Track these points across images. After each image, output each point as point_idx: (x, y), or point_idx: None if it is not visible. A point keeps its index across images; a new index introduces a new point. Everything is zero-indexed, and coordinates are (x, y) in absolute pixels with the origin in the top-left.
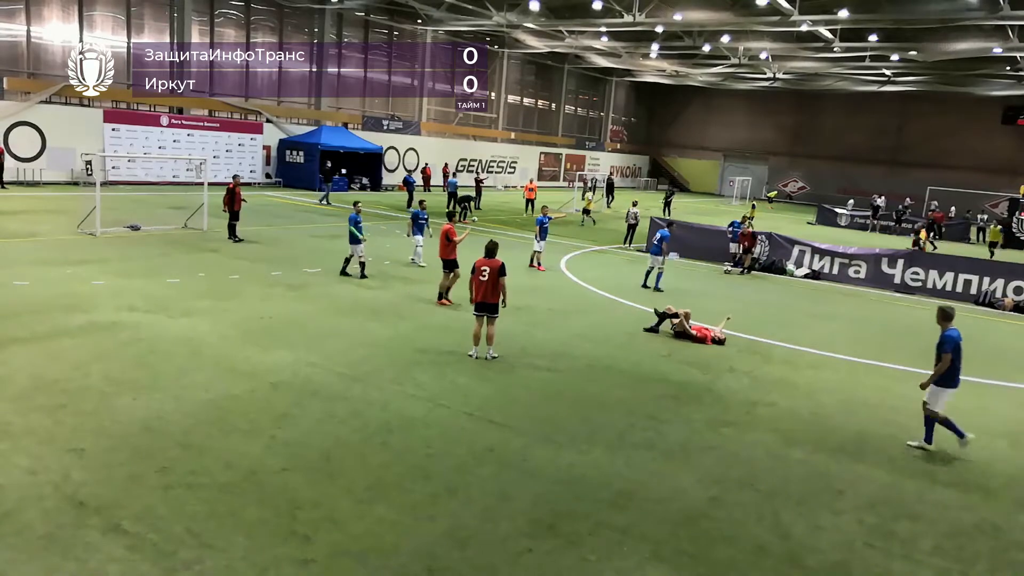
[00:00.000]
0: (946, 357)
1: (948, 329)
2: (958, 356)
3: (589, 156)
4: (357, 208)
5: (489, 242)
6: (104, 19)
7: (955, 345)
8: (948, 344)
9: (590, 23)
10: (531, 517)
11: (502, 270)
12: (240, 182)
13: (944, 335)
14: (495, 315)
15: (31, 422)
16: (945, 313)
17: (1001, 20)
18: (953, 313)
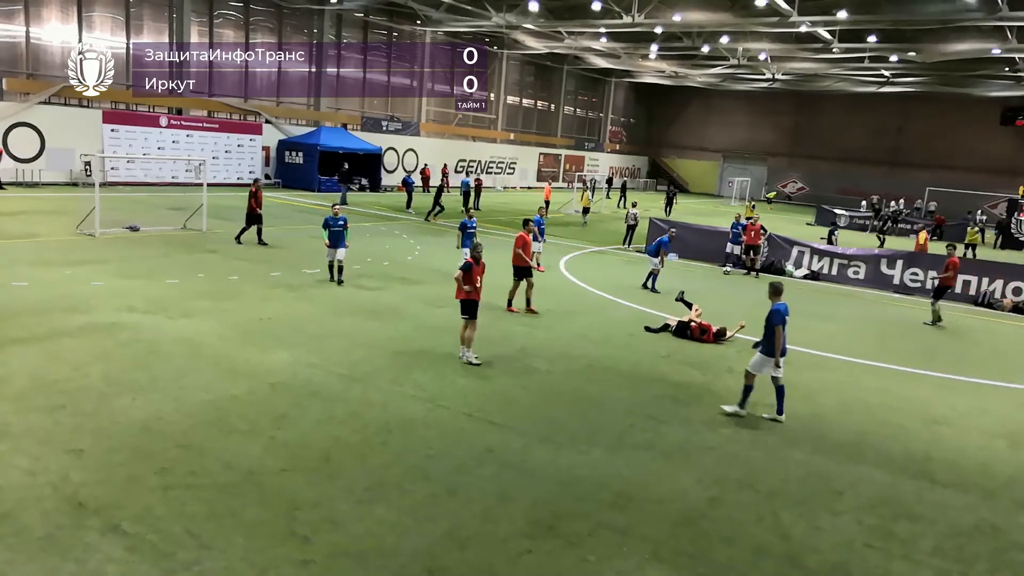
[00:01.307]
0: (778, 330)
1: (776, 303)
2: (783, 327)
3: (588, 157)
4: (335, 211)
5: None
6: (103, 20)
7: (781, 318)
8: (775, 317)
9: (589, 24)
10: (531, 518)
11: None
12: (260, 185)
13: (772, 309)
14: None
15: (30, 423)
16: (775, 288)
17: (1000, 21)
18: (782, 289)
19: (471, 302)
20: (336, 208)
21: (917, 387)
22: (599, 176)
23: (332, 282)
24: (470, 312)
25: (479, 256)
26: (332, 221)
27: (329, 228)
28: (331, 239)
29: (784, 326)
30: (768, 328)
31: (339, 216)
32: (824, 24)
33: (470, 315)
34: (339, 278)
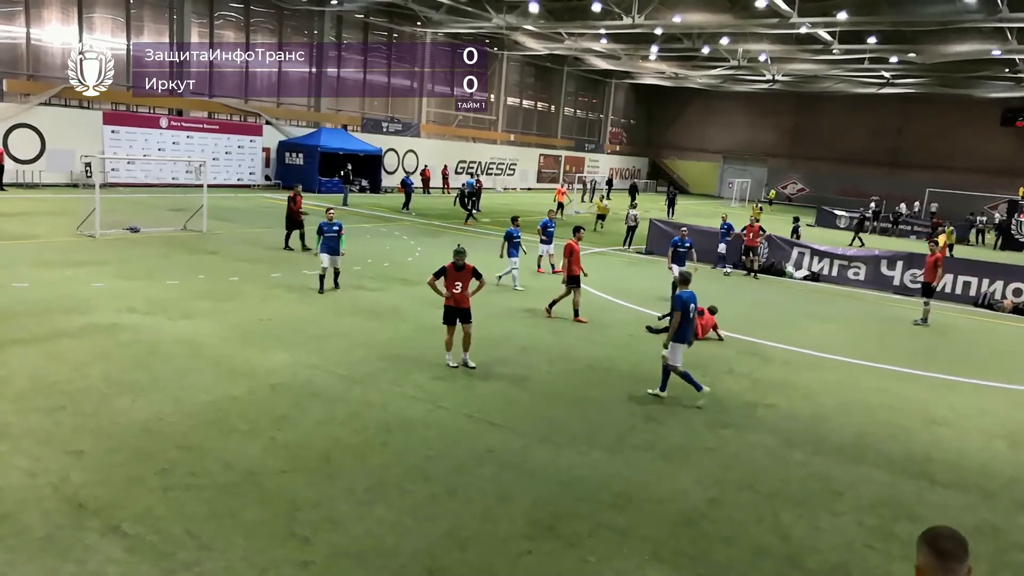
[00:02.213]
0: (676, 314)
1: (682, 291)
2: (686, 314)
3: (588, 158)
4: (330, 215)
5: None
6: (103, 21)
7: (682, 304)
8: (676, 303)
9: (589, 25)
10: (531, 518)
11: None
12: (300, 191)
13: (675, 296)
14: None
15: (30, 423)
16: (683, 277)
17: (1000, 22)
18: (690, 278)
19: (448, 308)
20: (331, 212)
21: (917, 388)
22: (599, 177)
23: (321, 293)
24: (448, 319)
25: (461, 261)
26: (326, 227)
27: (323, 234)
28: (325, 246)
29: (686, 312)
30: (671, 314)
31: (334, 221)
32: (824, 25)
33: (449, 322)
34: (335, 282)
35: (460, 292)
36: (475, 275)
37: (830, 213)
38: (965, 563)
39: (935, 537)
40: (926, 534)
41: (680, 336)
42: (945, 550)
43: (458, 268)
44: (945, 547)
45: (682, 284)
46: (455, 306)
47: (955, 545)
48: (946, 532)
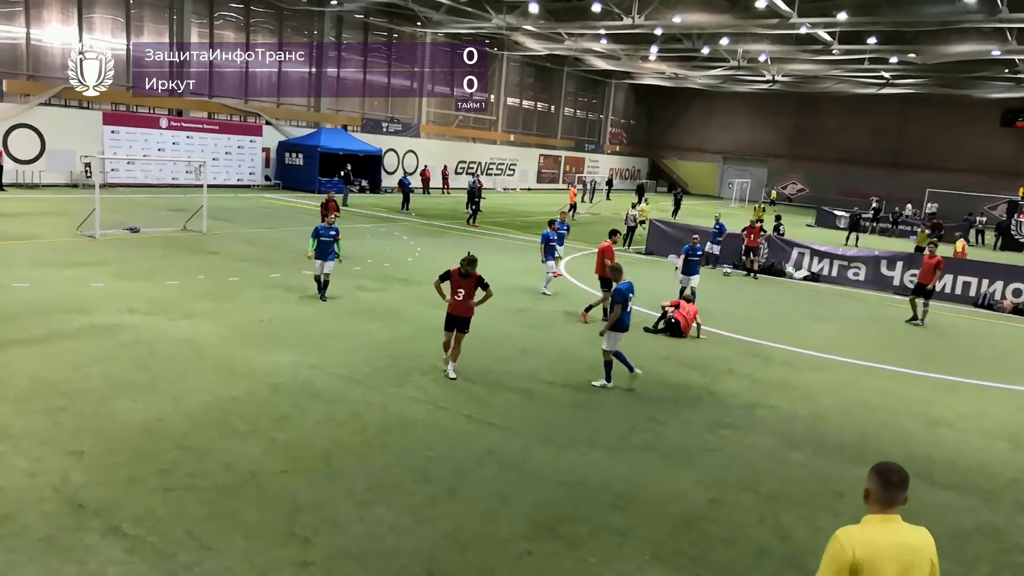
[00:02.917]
0: (617, 308)
1: (620, 284)
2: (625, 305)
3: (588, 158)
4: (329, 220)
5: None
6: (103, 21)
7: (623, 297)
8: (617, 296)
9: (589, 25)
10: (531, 519)
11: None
12: (333, 196)
13: (615, 289)
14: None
15: (31, 424)
16: (616, 270)
17: (1000, 23)
18: (622, 270)
19: (449, 316)
20: (331, 217)
21: (918, 388)
22: (599, 177)
23: (324, 300)
24: (449, 325)
25: (465, 269)
26: (324, 231)
27: (319, 238)
28: (319, 251)
29: (626, 303)
30: (611, 306)
31: (332, 225)
32: (824, 26)
33: (449, 328)
34: (323, 294)
35: (461, 300)
36: (481, 285)
37: (830, 213)
38: (904, 493)
39: (886, 470)
40: (878, 466)
41: (620, 326)
42: (891, 480)
43: (463, 275)
44: (892, 478)
45: (617, 275)
46: (453, 313)
47: (900, 478)
48: (895, 467)
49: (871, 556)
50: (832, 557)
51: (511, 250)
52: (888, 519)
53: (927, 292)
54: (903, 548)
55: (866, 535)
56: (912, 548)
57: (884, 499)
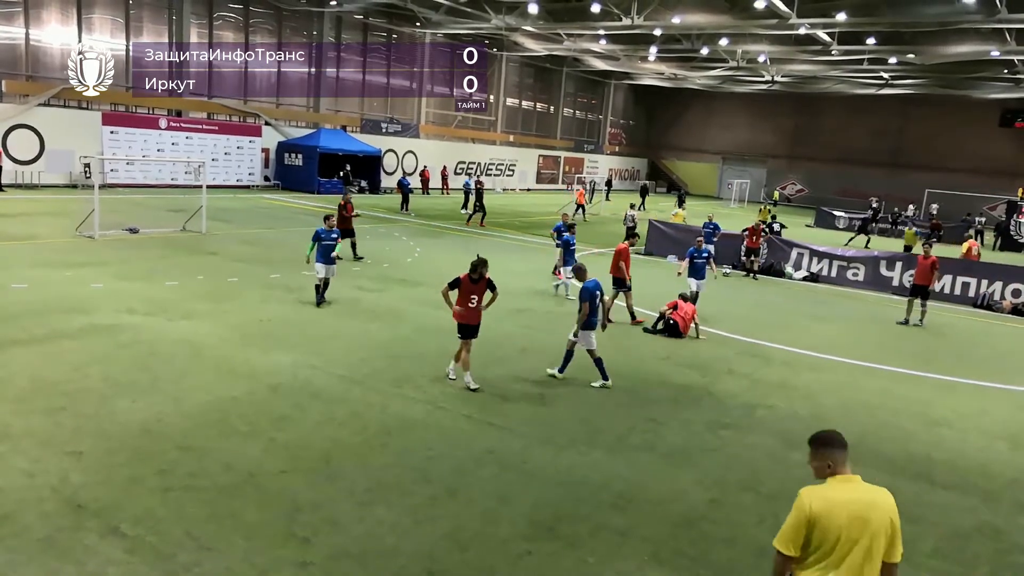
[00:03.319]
0: (585, 305)
1: (586, 282)
2: (592, 302)
3: (588, 159)
4: (329, 224)
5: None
6: (103, 22)
7: (590, 295)
8: (584, 294)
9: (588, 26)
10: (531, 519)
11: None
12: (350, 199)
13: (581, 288)
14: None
15: (30, 424)
16: (579, 270)
17: (999, 23)
18: (584, 269)
19: (464, 325)
20: (332, 220)
21: (917, 389)
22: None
23: (319, 306)
24: (464, 333)
25: (477, 274)
26: (325, 234)
27: (321, 242)
28: (322, 255)
29: (593, 301)
30: (580, 305)
31: (333, 229)
32: (823, 26)
33: (464, 336)
34: (322, 297)
35: (475, 307)
36: (490, 287)
37: (829, 214)
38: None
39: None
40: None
41: (589, 323)
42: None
43: (475, 281)
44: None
45: (581, 276)
46: (468, 322)
47: (837, 438)
48: (830, 431)
49: (826, 510)
50: (794, 512)
51: (511, 250)
52: (848, 479)
53: (925, 293)
54: (858, 502)
55: (824, 492)
56: (867, 503)
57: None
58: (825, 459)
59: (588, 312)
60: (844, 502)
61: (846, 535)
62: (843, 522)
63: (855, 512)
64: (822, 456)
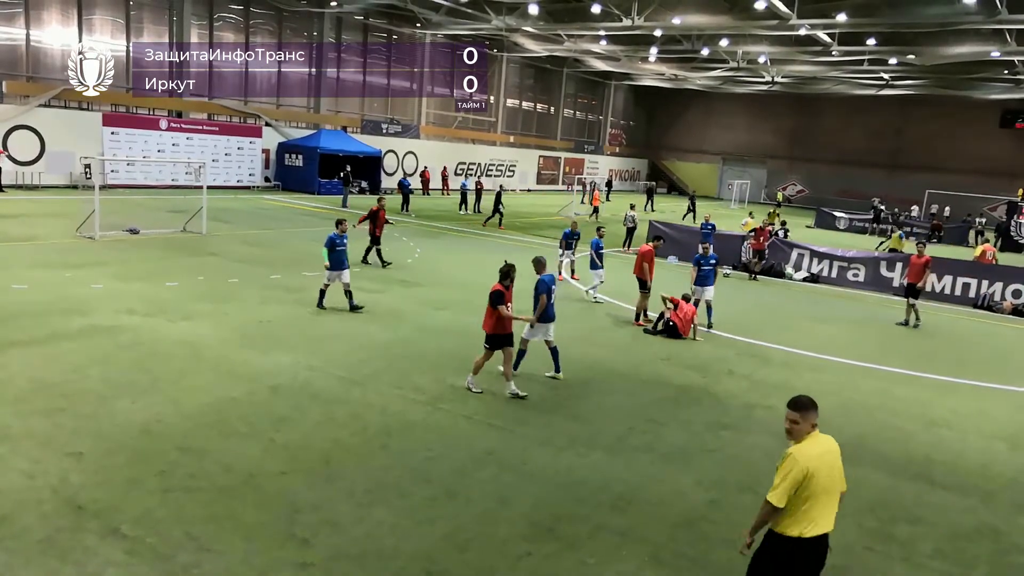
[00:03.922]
0: (542, 298)
1: (541, 275)
2: (548, 295)
3: (588, 159)
4: (342, 229)
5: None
6: (103, 23)
7: (546, 287)
8: (540, 287)
9: (589, 27)
10: (530, 520)
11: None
12: (384, 204)
13: (538, 280)
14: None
15: (30, 425)
16: (538, 262)
17: (999, 24)
18: (543, 262)
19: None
20: (344, 225)
21: (917, 389)
22: (599, 179)
23: (322, 308)
24: (498, 344)
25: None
26: (339, 240)
27: (335, 248)
28: (335, 261)
29: (548, 295)
30: (535, 298)
31: (345, 233)
32: (823, 27)
33: (497, 347)
34: (353, 303)
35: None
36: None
37: (830, 215)
38: (815, 414)
39: (795, 401)
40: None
41: (547, 316)
42: (811, 403)
43: (508, 288)
44: (812, 402)
45: (539, 268)
46: (505, 331)
47: (809, 402)
48: (804, 396)
49: (815, 465)
50: (792, 471)
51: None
52: (815, 435)
53: (916, 291)
54: (828, 453)
55: (810, 450)
56: (832, 451)
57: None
58: (810, 420)
59: (545, 304)
60: (820, 455)
61: (826, 482)
62: (824, 472)
63: (828, 462)
64: (810, 418)
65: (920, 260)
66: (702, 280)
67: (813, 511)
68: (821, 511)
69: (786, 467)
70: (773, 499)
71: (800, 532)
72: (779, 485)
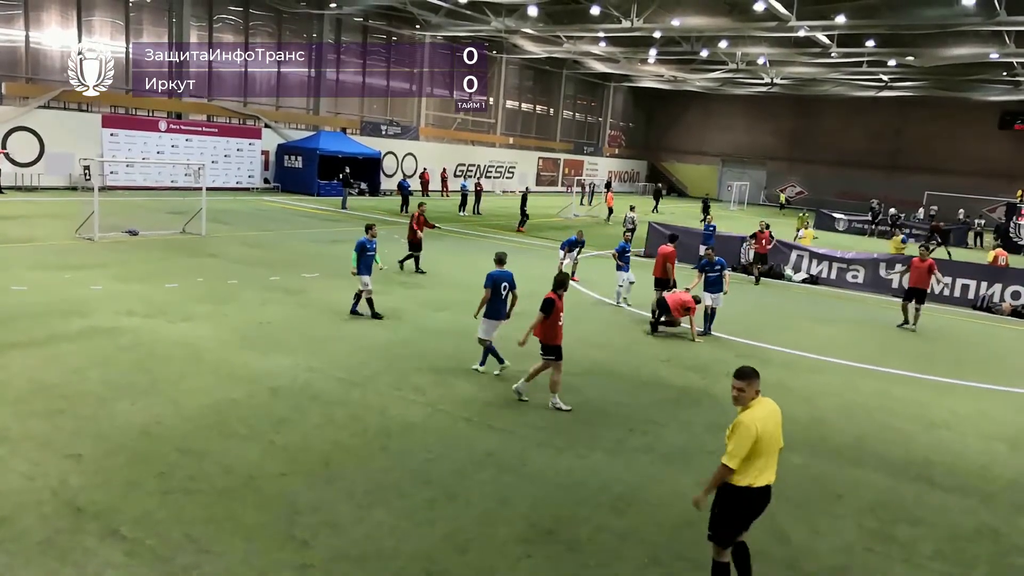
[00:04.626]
0: (486, 292)
1: (493, 271)
2: (497, 292)
3: (587, 161)
4: (371, 233)
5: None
6: (103, 24)
7: (493, 282)
8: (487, 281)
9: (588, 28)
10: (530, 522)
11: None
12: (425, 209)
13: (487, 275)
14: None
15: (29, 427)
16: (497, 258)
17: (998, 26)
18: (501, 259)
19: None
20: (373, 230)
21: (916, 391)
22: (598, 180)
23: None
24: (559, 355)
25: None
26: (369, 244)
27: (366, 253)
28: (364, 266)
29: (496, 290)
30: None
31: (375, 238)
32: (822, 29)
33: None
34: (375, 311)
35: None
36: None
37: (829, 216)
38: (758, 382)
39: (739, 371)
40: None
41: (491, 312)
42: (755, 372)
43: (561, 296)
44: (754, 371)
45: (497, 264)
46: (560, 341)
47: (752, 371)
48: (747, 367)
49: (762, 426)
50: (745, 436)
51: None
52: (759, 400)
53: (921, 296)
54: (771, 414)
55: (756, 414)
56: (774, 412)
57: (752, 387)
58: (754, 387)
59: (488, 298)
60: (764, 417)
61: (771, 439)
62: (769, 431)
63: (774, 421)
64: (754, 385)
65: (923, 264)
66: (709, 286)
67: (759, 465)
68: (766, 464)
69: (739, 434)
70: (731, 463)
71: (749, 483)
72: (733, 450)
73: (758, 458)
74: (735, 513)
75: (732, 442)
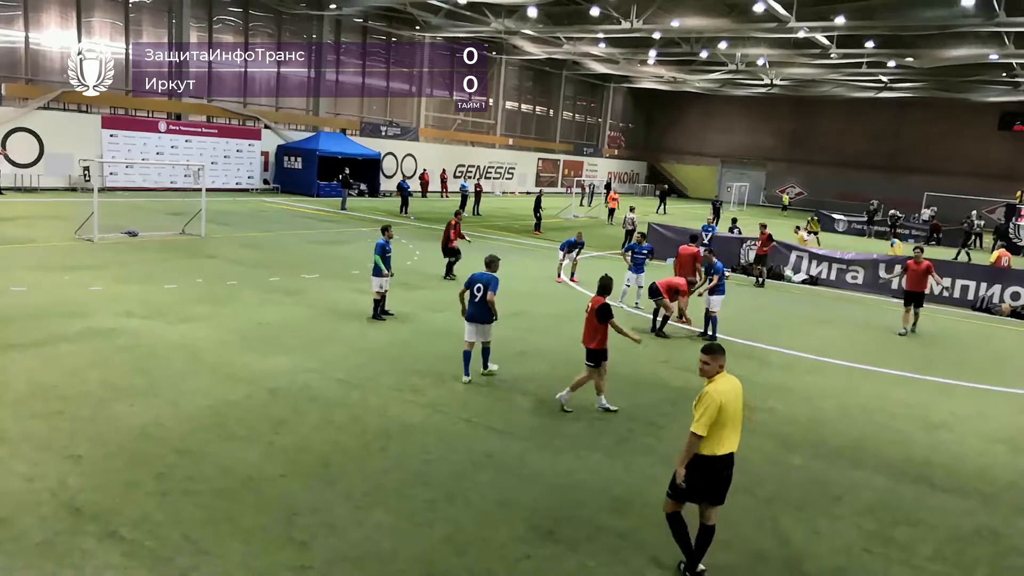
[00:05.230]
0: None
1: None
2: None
3: (587, 162)
4: (388, 235)
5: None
6: (102, 25)
7: (469, 283)
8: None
9: (588, 29)
10: (530, 523)
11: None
12: (462, 218)
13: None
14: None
15: (28, 428)
16: (486, 261)
17: (997, 27)
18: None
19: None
20: (391, 231)
21: (916, 392)
22: (597, 181)
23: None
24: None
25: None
26: (387, 246)
27: (385, 254)
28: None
29: (471, 289)
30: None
31: (391, 239)
32: (822, 30)
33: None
34: (383, 308)
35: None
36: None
37: (829, 217)
38: (723, 358)
39: (708, 348)
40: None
41: (467, 314)
42: (721, 348)
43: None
44: (714, 349)
45: (487, 267)
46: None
47: (718, 347)
48: (713, 343)
49: (726, 398)
50: (709, 406)
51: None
52: (723, 375)
53: (919, 299)
54: (733, 388)
55: (721, 387)
56: (737, 386)
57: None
58: (719, 362)
59: (462, 297)
60: (728, 390)
61: (733, 411)
62: (732, 402)
63: (736, 394)
64: (719, 360)
65: (919, 267)
66: (714, 290)
67: (722, 434)
68: (729, 435)
69: (704, 403)
70: (698, 430)
71: (712, 451)
72: (700, 418)
73: (722, 428)
74: (702, 480)
75: (699, 410)
